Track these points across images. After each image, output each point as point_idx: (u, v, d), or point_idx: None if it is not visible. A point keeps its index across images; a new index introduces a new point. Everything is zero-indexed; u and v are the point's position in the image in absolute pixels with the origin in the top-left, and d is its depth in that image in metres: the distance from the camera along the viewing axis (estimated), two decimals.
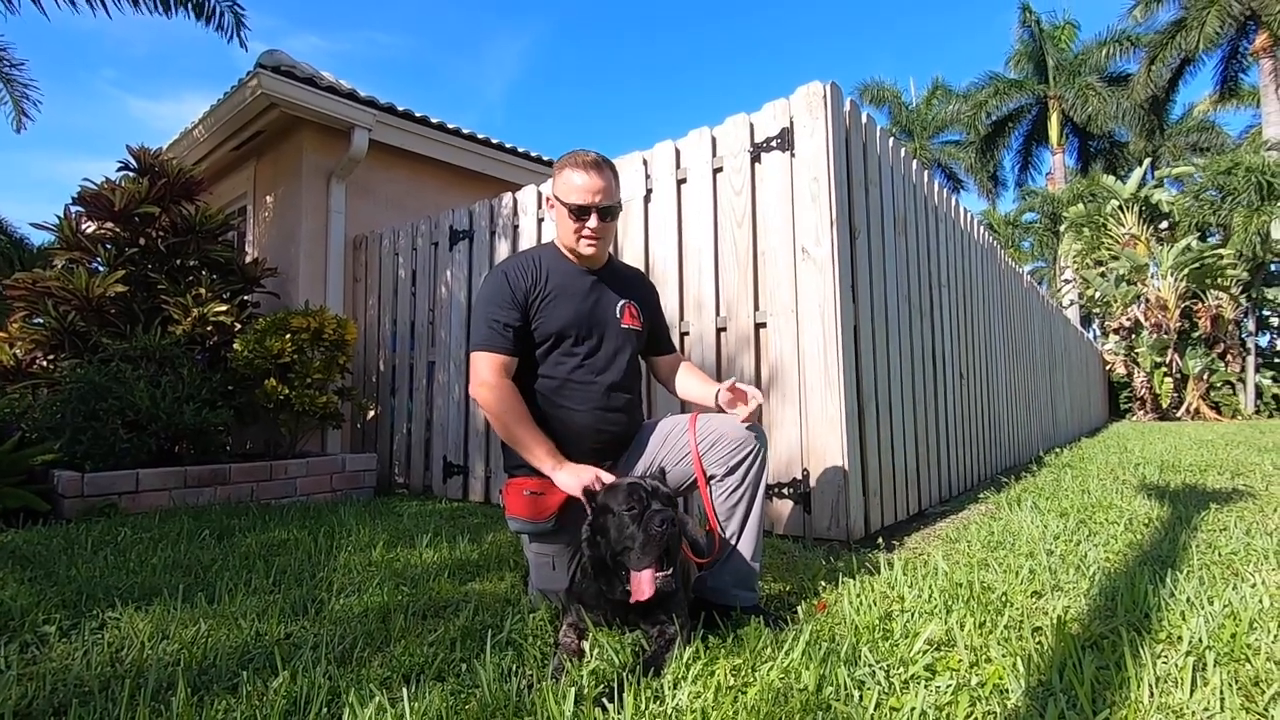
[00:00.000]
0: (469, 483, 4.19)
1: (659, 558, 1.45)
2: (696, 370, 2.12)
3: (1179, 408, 14.69)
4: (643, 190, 3.45)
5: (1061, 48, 21.57)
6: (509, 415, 1.74)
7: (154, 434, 3.76)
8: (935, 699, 1.22)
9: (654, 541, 1.43)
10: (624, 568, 1.48)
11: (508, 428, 1.75)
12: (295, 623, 1.72)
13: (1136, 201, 16.48)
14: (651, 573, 1.43)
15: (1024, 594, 1.83)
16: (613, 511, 1.52)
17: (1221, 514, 2.94)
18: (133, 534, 2.85)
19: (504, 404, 1.75)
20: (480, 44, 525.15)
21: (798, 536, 2.75)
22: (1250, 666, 1.33)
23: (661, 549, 1.44)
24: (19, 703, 1.28)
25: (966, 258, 4.78)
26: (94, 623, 1.73)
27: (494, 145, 6.20)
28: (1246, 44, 17.10)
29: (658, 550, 1.44)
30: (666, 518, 1.44)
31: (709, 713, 1.16)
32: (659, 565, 1.45)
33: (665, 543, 1.44)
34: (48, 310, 4.12)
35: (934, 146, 24.69)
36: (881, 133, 3.37)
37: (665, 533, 1.43)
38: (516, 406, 1.76)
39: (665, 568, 1.46)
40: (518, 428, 1.73)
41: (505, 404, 1.75)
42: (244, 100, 4.91)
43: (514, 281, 1.83)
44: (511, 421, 1.74)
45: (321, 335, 4.34)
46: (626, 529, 1.47)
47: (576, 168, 1.80)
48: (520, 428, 1.73)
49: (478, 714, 1.19)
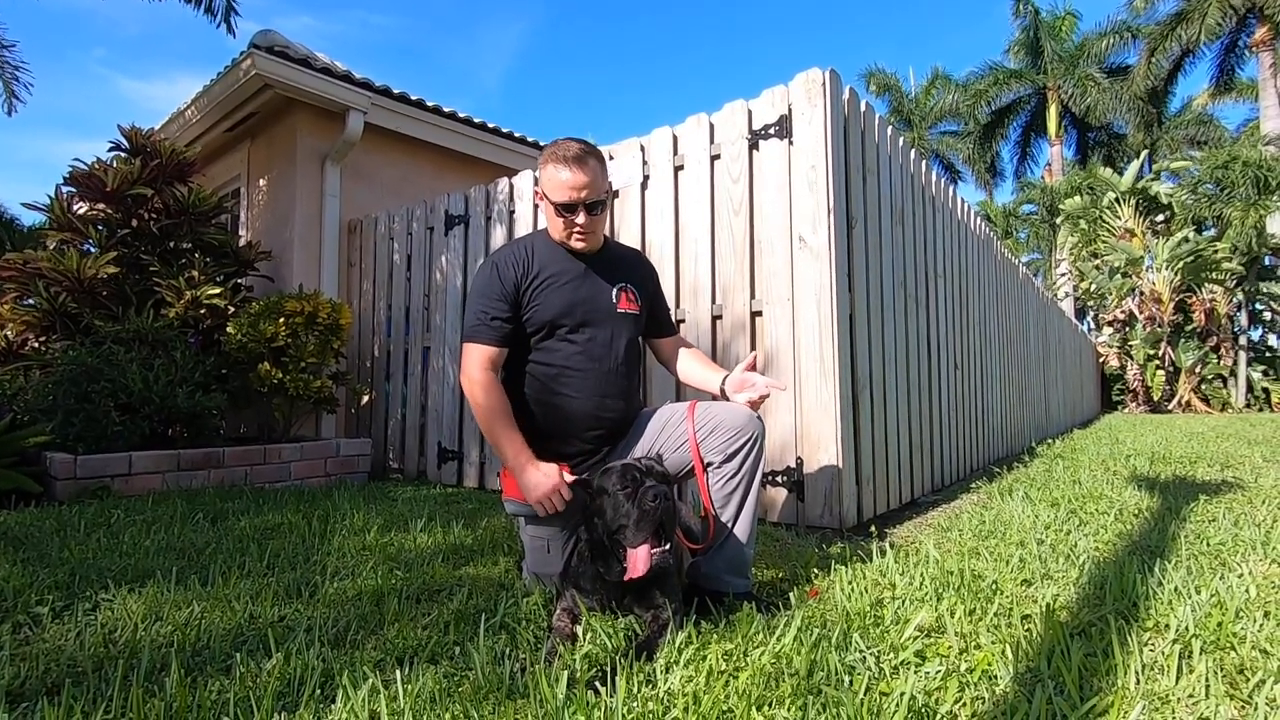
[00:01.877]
0: (463, 468, 4.20)
1: (654, 534, 1.46)
2: (700, 355, 2.11)
3: (1170, 400, 14.78)
4: (640, 177, 3.43)
5: (1061, 38, 21.47)
6: (490, 412, 1.76)
7: (147, 417, 3.75)
8: (925, 684, 1.23)
9: (648, 516, 1.44)
10: (621, 547, 1.49)
11: (487, 423, 1.77)
12: (289, 605, 1.72)
13: (1134, 194, 16.48)
14: (647, 549, 1.45)
15: (1014, 582, 1.85)
16: (608, 492, 1.53)
17: (1211, 505, 2.97)
18: (126, 516, 2.84)
19: (488, 400, 1.76)
20: (476, 27, 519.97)
21: (790, 524, 2.77)
22: (1236, 654, 1.35)
23: (655, 523, 1.45)
24: (12, 682, 1.28)
25: (963, 248, 4.78)
26: (87, 604, 1.73)
27: (490, 129, 6.15)
28: (1246, 37, 17.06)
29: (652, 525, 1.45)
30: (659, 492, 1.45)
31: (701, 696, 1.16)
32: (655, 542, 1.46)
33: (659, 517, 1.45)
34: (39, 291, 4.09)
35: (932, 137, 24.61)
36: (880, 121, 3.35)
37: (659, 507, 1.44)
38: (498, 404, 1.77)
39: (661, 544, 1.47)
40: (496, 424, 1.75)
41: (489, 400, 1.76)
42: (237, 81, 4.85)
43: (504, 273, 1.82)
44: (491, 418, 1.76)
45: (316, 319, 4.32)
46: (621, 507, 1.49)
47: (560, 163, 1.75)
48: (498, 425, 1.75)
49: (471, 696, 1.19)
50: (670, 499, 1.47)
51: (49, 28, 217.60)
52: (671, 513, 1.48)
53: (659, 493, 1.45)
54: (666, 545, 1.47)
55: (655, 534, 1.47)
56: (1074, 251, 18.01)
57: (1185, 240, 14.58)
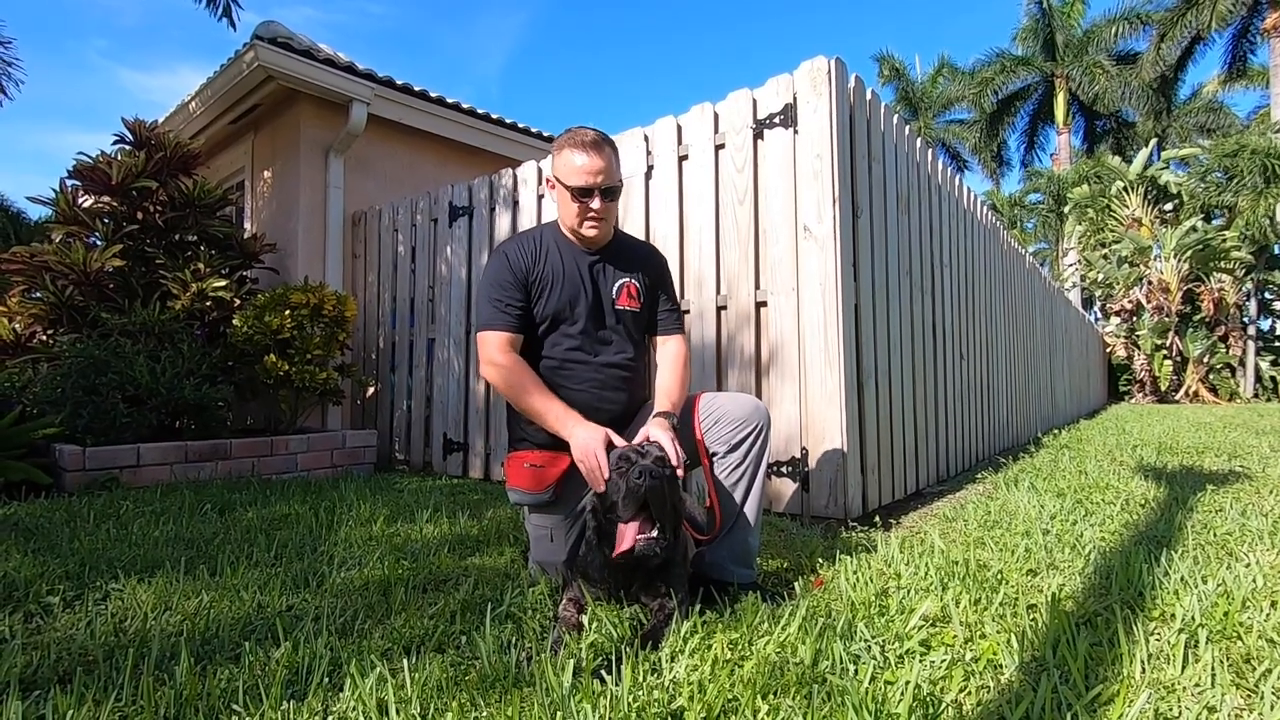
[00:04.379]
0: (469, 459, 4.21)
1: (642, 514, 1.48)
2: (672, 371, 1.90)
3: (1178, 390, 14.70)
4: (644, 167, 3.42)
5: (1070, 24, 21.22)
6: (520, 389, 1.74)
7: (154, 409, 3.77)
8: (930, 673, 1.23)
9: (633, 493, 1.47)
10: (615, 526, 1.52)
11: (520, 400, 1.75)
12: (296, 595, 1.74)
13: (1142, 183, 16.34)
14: (635, 528, 1.47)
15: (1019, 572, 1.84)
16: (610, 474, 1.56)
17: (1218, 495, 2.96)
18: (134, 508, 2.87)
19: (514, 377, 1.75)
20: (475, 15, 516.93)
21: (795, 514, 2.77)
22: (1242, 644, 1.34)
23: (640, 500, 1.47)
24: (24, 671, 1.29)
25: (969, 237, 4.75)
26: (97, 594, 1.75)
27: (493, 120, 6.13)
28: (1258, 21, 16.82)
29: (636, 501, 1.47)
30: (644, 470, 1.47)
31: (706, 685, 1.17)
32: (648, 526, 1.48)
33: (643, 495, 1.46)
34: (46, 285, 4.10)
35: (939, 125, 24.41)
36: (886, 110, 3.33)
37: (644, 484, 1.46)
38: (526, 378, 1.75)
39: (658, 531, 1.48)
40: (530, 398, 1.73)
41: (515, 377, 1.75)
42: (241, 73, 4.85)
43: (514, 262, 1.82)
44: (523, 394, 1.74)
45: (321, 311, 4.33)
46: (616, 485, 1.52)
47: (576, 148, 1.75)
48: (533, 398, 1.73)
49: (477, 685, 1.20)
50: (660, 479, 1.48)
51: (45, 17, 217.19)
52: (660, 494, 1.48)
53: (644, 470, 1.47)
54: (655, 531, 1.48)
55: (648, 516, 1.48)
56: (1081, 241, 17.89)
57: (1193, 229, 14.45)
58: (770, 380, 2.88)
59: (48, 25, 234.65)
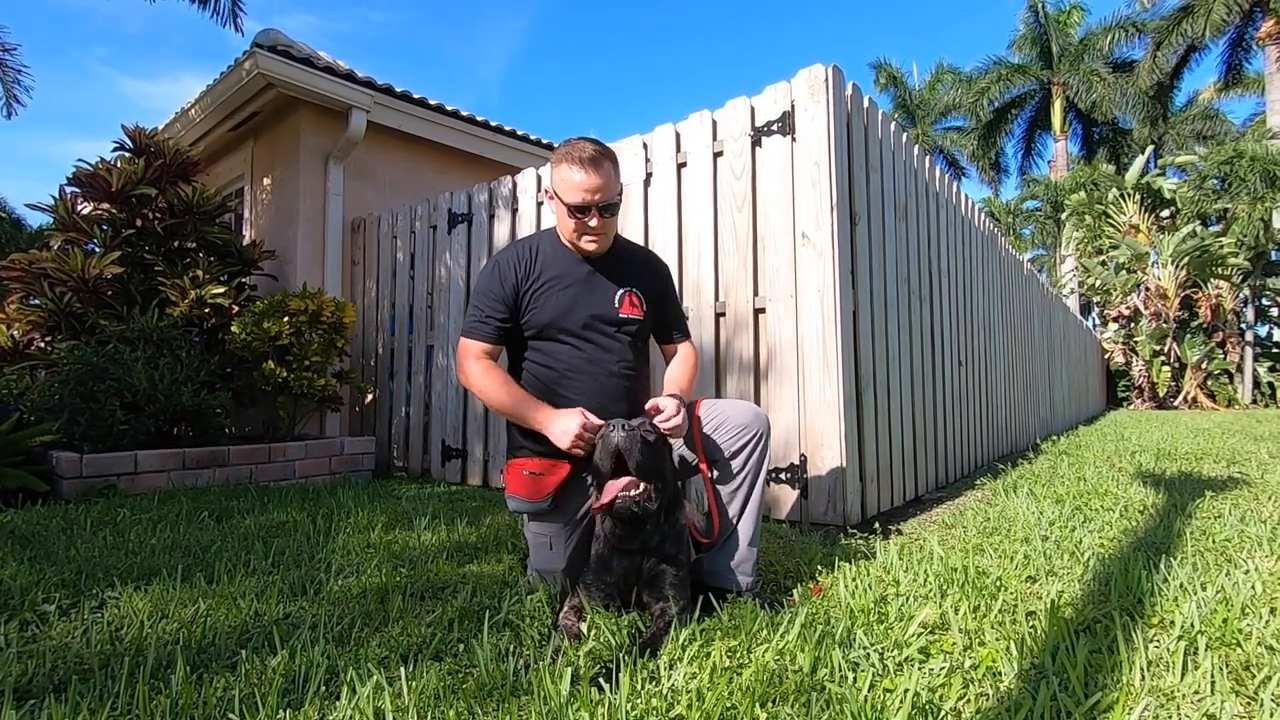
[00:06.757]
0: (467, 466, 4.20)
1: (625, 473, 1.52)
2: (683, 366, 2.00)
3: (1176, 396, 14.72)
4: (642, 174, 3.43)
5: (1067, 32, 21.35)
6: (492, 389, 1.77)
7: (152, 415, 3.76)
8: (929, 681, 1.23)
9: (606, 446, 1.52)
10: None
11: (493, 399, 1.78)
12: (294, 603, 1.73)
13: (1139, 189, 16.40)
14: (618, 484, 1.51)
15: (1018, 579, 1.84)
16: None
17: (1217, 501, 2.96)
18: (131, 515, 2.86)
19: (490, 379, 1.78)
20: (476, 22, 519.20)
21: (794, 521, 2.76)
22: (1241, 651, 1.34)
23: (614, 453, 1.51)
24: (19, 679, 1.29)
25: (967, 244, 4.77)
26: (93, 602, 1.74)
27: (492, 128, 6.15)
28: (1253, 30, 16.93)
29: (611, 456, 1.52)
30: (619, 424, 1.54)
31: (704, 693, 1.16)
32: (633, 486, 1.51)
33: (615, 446, 1.51)
34: (44, 291, 4.10)
35: (936, 132, 24.52)
36: (883, 117, 3.34)
37: (614, 436, 1.51)
38: (498, 380, 1.78)
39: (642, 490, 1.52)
40: (502, 398, 1.77)
41: (491, 379, 1.78)
42: (240, 80, 4.86)
43: (505, 273, 1.82)
44: (499, 393, 1.77)
45: (319, 318, 4.33)
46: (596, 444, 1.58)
47: (574, 164, 1.72)
48: (506, 395, 1.76)
49: (475, 693, 1.19)
50: (633, 432, 1.53)
51: (46, 25, 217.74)
52: (639, 450, 1.52)
53: (618, 424, 1.54)
54: (639, 493, 1.51)
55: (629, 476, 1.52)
56: (1079, 247, 17.94)
57: (1191, 235, 14.50)
58: (769, 386, 2.88)
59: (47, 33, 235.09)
